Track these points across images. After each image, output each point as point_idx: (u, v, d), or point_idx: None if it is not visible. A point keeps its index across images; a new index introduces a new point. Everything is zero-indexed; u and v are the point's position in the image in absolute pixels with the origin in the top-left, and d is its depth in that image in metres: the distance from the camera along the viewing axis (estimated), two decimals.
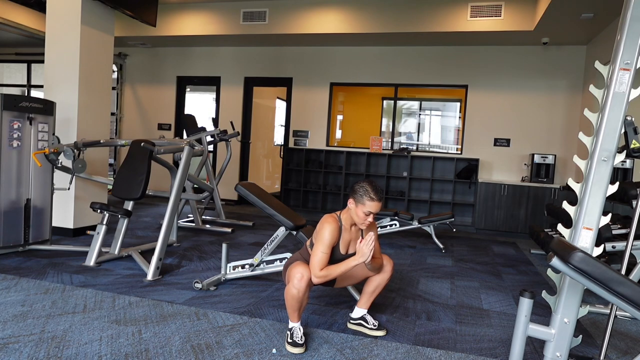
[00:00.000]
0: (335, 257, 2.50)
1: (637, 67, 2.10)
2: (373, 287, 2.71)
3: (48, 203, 4.28)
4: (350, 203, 2.48)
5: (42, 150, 4.13)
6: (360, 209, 2.43)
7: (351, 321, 2.76)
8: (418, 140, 7.99)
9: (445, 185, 7.17)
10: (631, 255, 2.97)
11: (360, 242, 2.40)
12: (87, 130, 4.94)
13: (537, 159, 6.54)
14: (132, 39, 7.81)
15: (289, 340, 2.43)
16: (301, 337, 2.44)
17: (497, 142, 7.05)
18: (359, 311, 2.76)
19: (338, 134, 8.34)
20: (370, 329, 2.69)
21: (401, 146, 7.85)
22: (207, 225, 5.74)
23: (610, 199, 2.71)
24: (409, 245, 5.49)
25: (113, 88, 8.31)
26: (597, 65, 2.28)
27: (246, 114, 8.24)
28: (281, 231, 3.29)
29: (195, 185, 5.33)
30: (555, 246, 1.84)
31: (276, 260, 3.36)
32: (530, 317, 2.03)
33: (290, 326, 2.49)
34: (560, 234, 2.23)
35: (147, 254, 3.96)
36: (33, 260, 3.90)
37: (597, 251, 2.12)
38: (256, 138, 8.79)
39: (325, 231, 2.43)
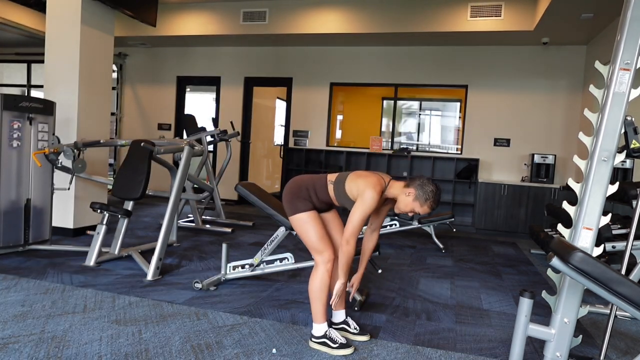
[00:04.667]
0: None
1: (637, 67, 2.10)
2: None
3: (48, 203, 4.28)
4: (410, 193, 2.41)
5: (42, 150, 4.13)
6: (416, 206, 2.41)
7: (333, 326, 2.59)
8: (418, 140, 7.99)
9: (445, 185, 7.15)
10: (631, 255, 2.96)
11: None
12: (87, 130, 4.94)
13: (537, 159, 6.53)
14: (132, 39, 7.81)
15: (334, 345, 2.37)
16: (341, 336, 2.44)
17: (497, 142, 7.05)
18: (338, 315, 2.64)
19: (338, 134, 8.34)
20: (354, 333, 2.60)
21: (401, 146, 7.85)
22: (207, 225, 5.74)
23: (610, 199, 2.71)
24: (409, 245, 5.49)
25: (113, 88, 8.31)
26: (597, 65, 2.28)
27: (246, 114, 8.24)
28: (281, 231, 3.29)
29: (195, 185, 5.33)
30: (555, 246, 1.85)
31: (276, 260, 3.37)
32: (530, 317, 2.03)
33: (322, 332, 2.41)
34: (560, 234, 2.23)
35: (147, 254, 3.96)
36: (33, 260, 3.90)
37: (597, 251, 2.12)
38: (256, 138, 8.78)
39: (372, 198, 2.32)
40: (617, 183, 2.18)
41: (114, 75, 8.49)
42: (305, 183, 2.50)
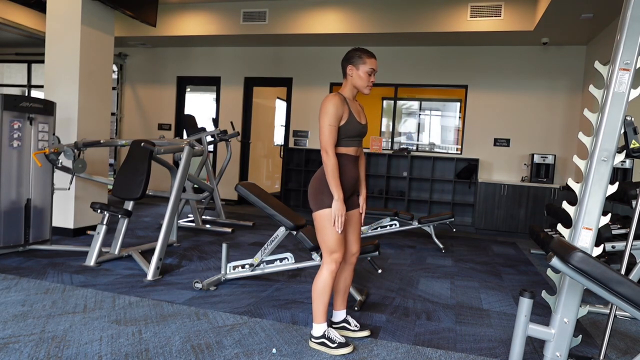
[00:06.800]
0: (356, 128, 2.45)
1: (637, 67, 2.10)
2: (341, 284, 2.65)
3: (48, 203, 4.28)
4: (350, 70, 2.43)
5: (42, 150, 4.13)
6: (362, 69, 2.41)
7: (333, 326, 2.64)
8: (418, 140, 8.00)
9: (445, 185, 7.17)
10: (631, 255, 2.97)
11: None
12: (87, 130, 4.94)
13: (537, 159, 6.54)
14: (132, 39, 7.81)
15: (333, 345, 2.38)
16: (340, 335, 2.43)
17: (497, 142, 7.05)
18: (339, 314, 2.67)
19: None
20: (354, 330, 2.63)
21: (401, 146, 7.85)
22: (207, 225, 5.74)
23: (610, 199, 2.71)
24: (409, 245, 5.49)
25: (113, 88, 8.31)
26: (597, 65, 2.28)
27: (246, 114, 8.24)
28: (281, 231, 3.29)
29: (195, 185, 5.33)
30: (555, 246, 1.85)
31: (276, 260, 3.37)
32: (530, 317, 2.03)
33: (321, 332, 2.41)
34: (560, 234, 2.23)
35: (147, 254, 3.96)
36: (33, 260, 3.90)
37: (597, 251, 2.12)
38: (256, 138, 8.79)
39: (328, 105, 2.34)
40: (617, 183, 2.18)
41: (114, 75, 8.50)
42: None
